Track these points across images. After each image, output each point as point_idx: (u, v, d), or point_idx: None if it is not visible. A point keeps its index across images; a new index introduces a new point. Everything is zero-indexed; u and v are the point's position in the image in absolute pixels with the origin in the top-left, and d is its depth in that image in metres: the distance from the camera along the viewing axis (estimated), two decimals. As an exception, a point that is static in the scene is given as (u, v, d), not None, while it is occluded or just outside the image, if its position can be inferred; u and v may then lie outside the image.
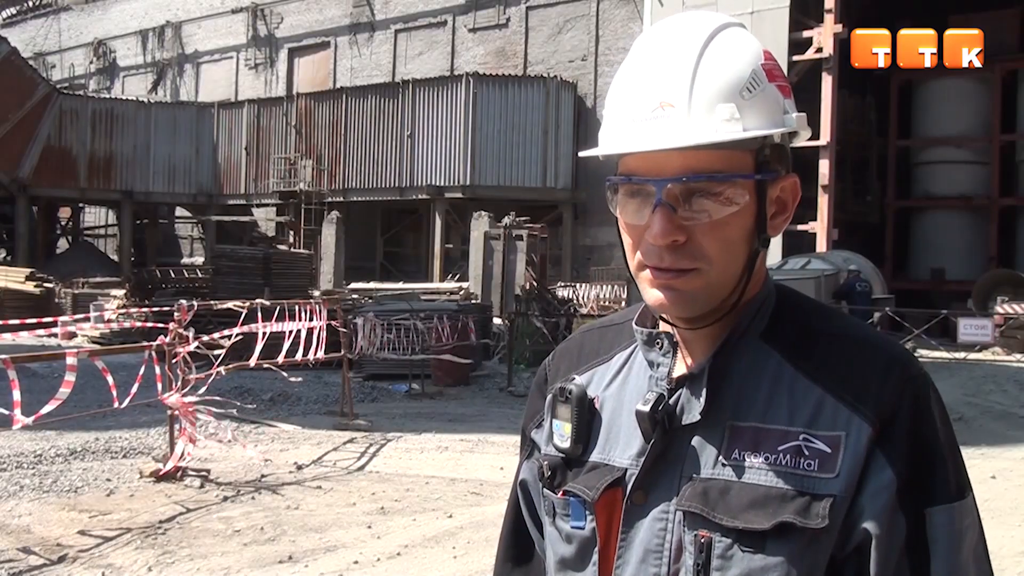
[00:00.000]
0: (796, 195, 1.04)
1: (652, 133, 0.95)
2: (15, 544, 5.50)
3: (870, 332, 1.05)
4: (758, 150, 0.98)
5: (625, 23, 26.14)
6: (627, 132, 0.98)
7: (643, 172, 0.97)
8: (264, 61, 34.54)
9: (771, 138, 0.98)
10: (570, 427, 1.08)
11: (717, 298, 0.99)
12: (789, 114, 1.00)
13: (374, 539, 5.69)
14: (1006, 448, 8.98)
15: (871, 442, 0.95)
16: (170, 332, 7.42)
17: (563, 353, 1.21)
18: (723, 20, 1.00)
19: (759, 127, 0.96)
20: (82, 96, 33.03)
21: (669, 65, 0.97)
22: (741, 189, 0.97)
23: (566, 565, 1.08)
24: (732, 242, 0.98)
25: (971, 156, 25.86)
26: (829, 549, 0.94)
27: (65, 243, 35.54)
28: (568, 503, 1.07)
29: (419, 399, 12.20)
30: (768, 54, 1.01)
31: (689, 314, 1.00)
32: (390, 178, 27.50)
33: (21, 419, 5.71)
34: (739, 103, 0.95)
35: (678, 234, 0.96)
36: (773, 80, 0.99)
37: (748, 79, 0.96)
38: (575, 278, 23.45)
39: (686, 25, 0.99)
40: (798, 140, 1.05)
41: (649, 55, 0.99)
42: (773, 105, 0.98)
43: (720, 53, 0.97)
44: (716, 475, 0.98)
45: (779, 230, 1.04)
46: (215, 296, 15.35)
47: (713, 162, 0.96)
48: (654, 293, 0.99)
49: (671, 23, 1.01)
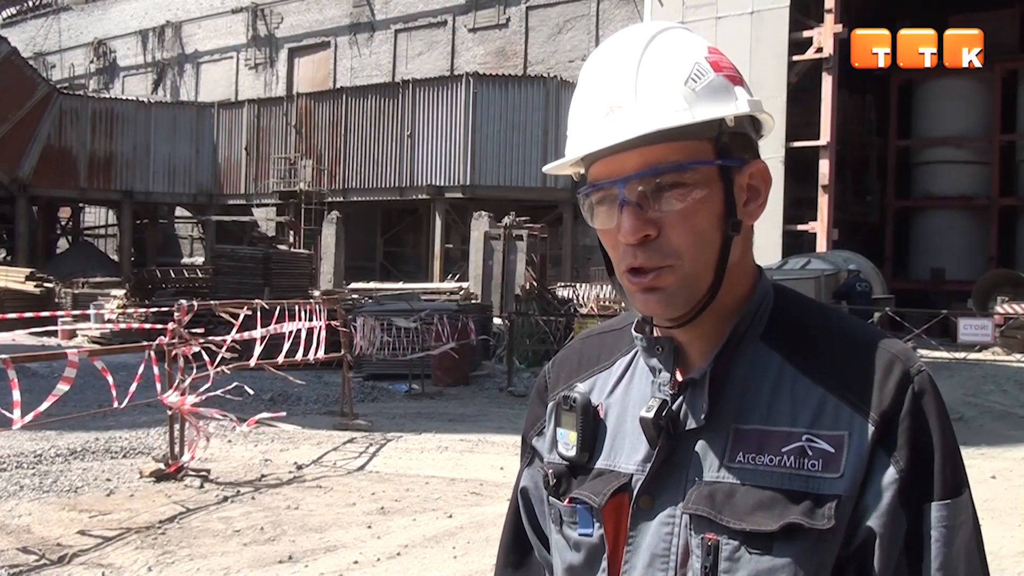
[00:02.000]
0: (767, 180, 1.05)
1: (605, 133, 0.98)
2: (15, 544, 5.50)
3: (870, 330, 1.05)
4: (716, 137, 0.99)
5: (625, 23, 26.14)
6: (583, 139, 1.01)
7: (606, 176, 1.00)
8: (264, 61, 34.55)
9: (727, 124, 0.99)
10: (575, 435, 1.09)
11: (697, 291, 1.00)
12: (740, 99, 1.01)
13: (374, 539, 5.69)
14: (1006, 448, 8.98)
15: (874, 441, 0.95)
16: (169, 332, 7.42)
17: (563, 361, 1.21)
18: (663, 25, 1.03)
19: (709, 113, 0.98)
20: (82, 96, 33.00)
21: (613, 71, 1.00)
22: (704, 178, 0.98)
23: (575, 573, 1.08)
24: (702, 231, 0.98)
25: (971, 156, 25.86)
26: (835, 549, 0.95)
27: (65, 243, 35.54)
28: (575, 510, 1.07)
29: (419, 399, 12.20)
30: (713, 49, 1.03)
31: (673, 313, 1.01)
32: (390, 178, 27.51)
33: (20, 420, 5.71)
34: (685, 93, 0.97)
35: (648, 228, 0.97)
36: (720, 71, 1.01)
37: (692, 71, 0.98)
38: (575, 278, 23.45)
39: (629, 34, 1.03)
40: (765, 130, 1.07)
41: (596, 67, 1.02)
42: (722, 92, 1.00)
43: (660, 51, 1.00)
44: (721, 478, 0.99)
45: (755, 216, 1.04)
46: (215, 296, 15.35)
47: (671, 154, 0.97)
48: (638, 298, 1.01)
49: (617, 35, 1.04)
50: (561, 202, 26.09)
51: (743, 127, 1.02)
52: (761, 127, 1.06)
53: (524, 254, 18.76)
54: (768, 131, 1.07)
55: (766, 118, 1.05)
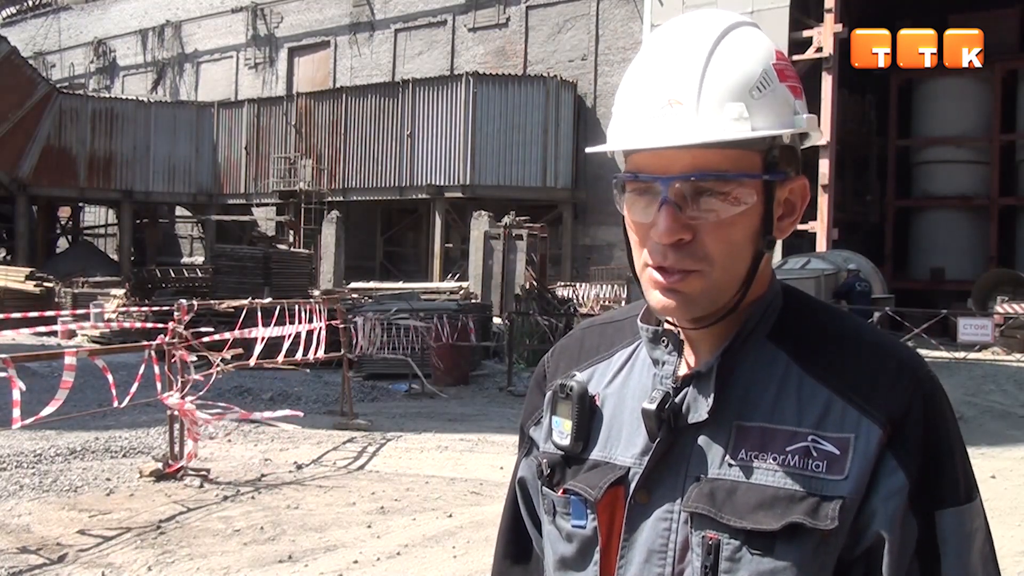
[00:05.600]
0: (805, 197, 1.04)
1: (660, 130, 0.95)
2: (15, 544, 5.50)
3: (879, 334, 1.04)
4: (767, 151, 0.97)
5: (625, 23, 26.14)
6: (635, 129, 0.97)
7: (650, 170, 0.97)
8: (264, 61, 34.54)
9: (780, 139, 0.97)
10: (570, 424, 1.07)
11: (719, 300, 0.98)
12: (799, 115, 0.99)
13: (374, 538, 5.69)
14: (1006, 448, 8.98)
15: (881, 445, 0.94)
16: (169, 332, 7.42)
17: (563, 350, 1.20)
18: (736, 19, 0.99)
19: (768, 127, 0.95)
20: (82, 96, 32.99)
21: (679, 62, 0.96)
22: (749, 189, 0.96)
23: (566, 564, 1.07)
24: (737, 243, 0.97)
25: (971, 156, 25.83)
26: (837, 552, 0.94)
27: (65, 243, 35.53)
28: (569, 501, 1.06)
29: (419, 399, 12.19)
30: (780, 54, 1.00)
31: (690, 316, 1.00)
32: (390, 178, 27.50)
33: (19, 420, 5.71)
34: (748, 102, 0.94)
35: (683, 232, 0.95)
36: (784, 80, 0.98)
37: (759, 78, 0.96)
38: (575, 278, 23.45)
39: (698, 23, 0.99)
40: (809, 142, 1.04)
41: (660, 52, 0.98)
42: (783, 105, 0.97)
43: (731, 51, 0.96)
44: (723, 475, 0.98)
45: (786, 232, 1.03)
46: (215, 296, 15.35)
47: (721, 161, 0.95)
48: (656, 295, 0.98)
49: (683, 20, 1.00)
50: (561, 202, 26.09)
51: (793, 141, 1.01)
52: (807, 139, 1.03)
53: (524, 254, 18.76)
54: (813, 143, 1.05)
55: (816, 134, 1.02)
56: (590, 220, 25.79)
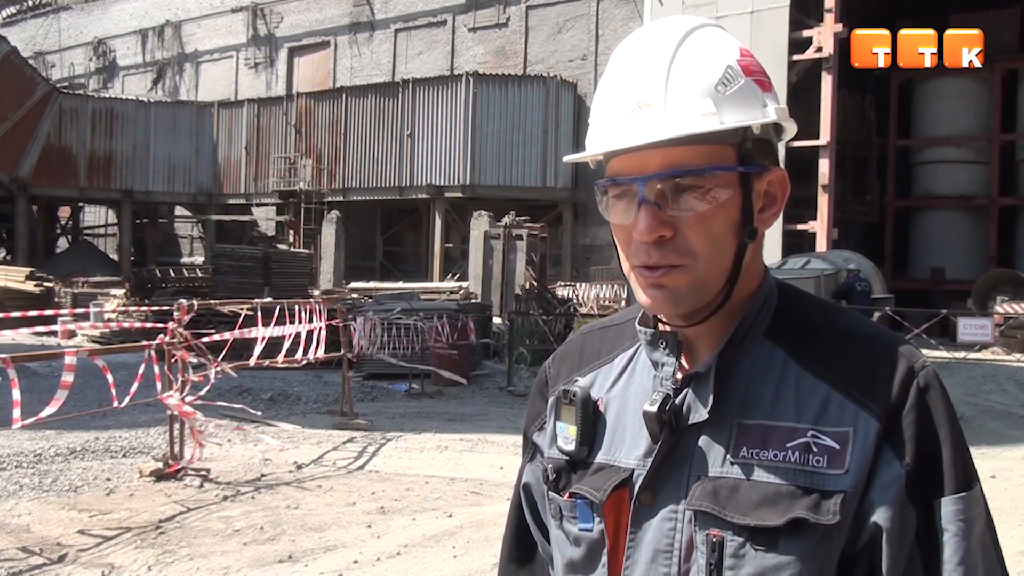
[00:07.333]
0: (785, 188, 1.05)
1: (630, 131, 0.97)
2: (15, 543, 5.50)
3: (874, 327, 1.05)
4: (740, 143, 0.99)
5: (625, 22, 26.14)
6: (608, 134, 1.00)
7: (627, 172, 0.99)
8: (264, 60, 34.54)
9: (752, 131, 0.99)
10: (575, 429, 1.08)
11: (707, 293, 1.00)
12: (768, 107, 1.01)
13: (374, 538, 5.69)
14: (1006, 448, 8.98)
15: (878, 437, 0.96)
16: (169, 331, 7.42)
17: (563, 356, 1.21)
18: (699, 21, 1.02)
19: (737, 120, 0.97)
20: (82, 95, 33.00)
21: (644, 66, 0.99)
22: (724, 182, 0.98)
23: (575, 568, 1.08)
24: (718, 235, 0.98)
25: (971, 156, 25.85)
26: (840, 546, 0.95)
27: (65, 242, 35.54)
28: (575, 505, 1.07)
29: (419, 398, 12.20)
30: (745, 51, 1.02)
31: (680, 311, 1.01)
32: (390, 177, 27.51)
33: (19, 419, 5.71)
34: (715, 97, 0.97)
35: (664, 229, 0.97)
36: (750, 75, 1.00)
37: (723, 74, 0.98)
38: (575, 277, 23.46)
39: (661, 29, 1.02)
40: (787, 135, 1.06)
41: (626, 59, 1.01)
42: (751, 98, 0.99)
43: (694, 51, 0.99)
44: (725, 473, 0.99)
45: (769, 223, 1.04)
46: (215, 296, 15.35)
47: (694, 157, 0.97)
48: (644, 293, 1.01)
49: (647, 28, 1.03)
50: (561, 201, 26.10)
51: (767, 133, 1.02)
52: (783, 132, 1.05)
53: (524, 253, 18.76)
54: (789, 136, 1.07)
55: (791, 125, 1.04)
56: (590, 220, 25.79)
